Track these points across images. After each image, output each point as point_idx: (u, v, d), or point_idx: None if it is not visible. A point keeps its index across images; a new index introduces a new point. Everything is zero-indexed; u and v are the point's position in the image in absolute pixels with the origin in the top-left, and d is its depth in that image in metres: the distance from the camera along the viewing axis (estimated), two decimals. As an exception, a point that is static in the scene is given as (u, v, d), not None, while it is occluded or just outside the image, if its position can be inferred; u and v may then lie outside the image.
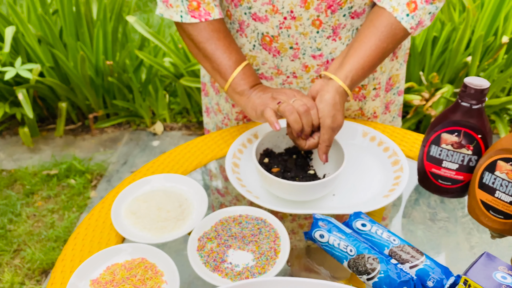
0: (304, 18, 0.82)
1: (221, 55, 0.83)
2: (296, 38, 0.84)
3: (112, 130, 2.38)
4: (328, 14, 0.81)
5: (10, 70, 1.98)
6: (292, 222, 0.78)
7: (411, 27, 0.78)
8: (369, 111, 0.98)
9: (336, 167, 0.78)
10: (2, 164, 2.15)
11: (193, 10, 0.81)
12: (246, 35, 0.87)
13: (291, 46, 0.86)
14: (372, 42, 0.78)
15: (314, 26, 0.83)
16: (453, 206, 0.79)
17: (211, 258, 0.67)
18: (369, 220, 0.68)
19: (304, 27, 0.83)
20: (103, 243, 0.71)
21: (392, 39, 0.79)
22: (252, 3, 0.81)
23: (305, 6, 0.80)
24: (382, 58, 0.80)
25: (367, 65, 0.78)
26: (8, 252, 1.71)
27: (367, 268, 0.61)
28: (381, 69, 0.93)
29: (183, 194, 0.76)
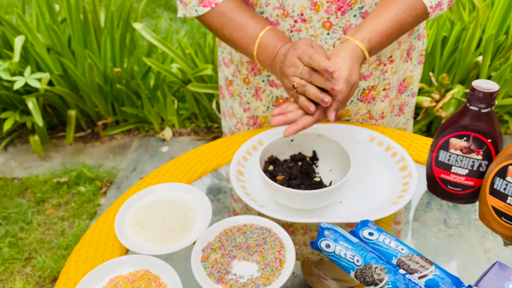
0: (314, 21, 0.81)
1: (241, 31, 0.80)
2: None
3: (122, 136, 2.39)
4: (339, 16, 0.80)
5: (19, 80, 2.00)
6: (304, 235, 0.76)
7: (431, 6, 0.78)
8: (377, 113, 0.96)
9: (343, 174, 0.77)
10: (13, 172, 2.17)
11: (201, 0, 0.81)
12: None
13: None
14: (391, 11, 0.76)
15: (324, 28, 0.82)
16: (466, 209, 0.77)
17: (215, 270, 0.65)
18: (376, 229, 0.67)
19: (314, 29, 0.82)
20: (106, 254, 0.71)
21: (412, 12, 0.77)
22: (264, 8, 0.82)
23: (315, 9, 0.80)
24: (401, 30, 0.78)
25: (385, 32, 0.76)
26: (20, 260, 1.72)
27: (374, 279, 0.60)
28: (392, 69, 0.92)
29: (187, 204, 0.75)
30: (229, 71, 1.01)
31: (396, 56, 0.91)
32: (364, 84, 0.91)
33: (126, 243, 0.69)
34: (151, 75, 2.32)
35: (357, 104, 0.94)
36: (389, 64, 0.91)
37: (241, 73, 0.96)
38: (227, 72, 1.01)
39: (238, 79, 0.98)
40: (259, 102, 0.96)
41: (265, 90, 0.94)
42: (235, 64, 0.97)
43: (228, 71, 1.01)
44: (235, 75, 0.99)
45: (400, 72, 0.95)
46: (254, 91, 0.95)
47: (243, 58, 0.93)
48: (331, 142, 0.79)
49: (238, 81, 0.99)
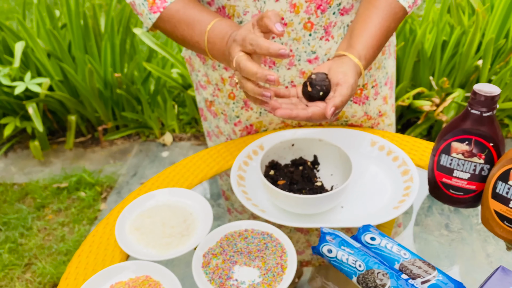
0: (295, 23, 0.81)
1: (190, 29, 0.78)
2: (289, 45, 0.84)
3: (122, 141, 2.39)
4: (319, 15, 0.81)
5: (20, 85, 2.00)
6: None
7: (409, 6, 0.79)
8: (374, 112, 0.97)
9: (344, 178, 0.76)
10: (13, 178, 2.16)
11: (151, 6, 0.81)
12: None
13: None
14: (376, 21, 0.77)
15: (306, 29, 0.82)
16: (468, 213, 0.77)
17: (216, 275, 0.65)
18: (378, 234, 0.66)
19: (296, 32, 0.82)
20: (107, 260, 0.70)
21: (393, 17, 0.78)
22: (242, 17, 0.81)
23: (295, 11, 0.80)
24: (387, 38, 0.79)
25: (375, 45, 0.76)
26: (20, 266, 1.71)
27: (377, 284, 0.59)
28: (375, 65, 0.92)
29: (187, 209, 0.75)
30: (207, 93, 1.00)
31: None
32: None
33: (127, 248, 0.68)
34: (151, 80, 2.32)
35: (352, 106, 0.94)
36: None
37: (223, 91, 0.95)
38: (206, 94, 1.01)
39: (220, 98, 0.98)
40: (250, 111, 0.95)
41: None
42: (213, 84, 0.96)
43: (207, 93, 1.00)
44: (216, 95, 0.98)
45: (387, 68, 0.96)
46: (242, 103, 0.95)
47: (223, 75, 0.92)
48: (332, 146, 0.79)
49: (220, 100, 0.98)
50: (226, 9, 0.82)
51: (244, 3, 0.80)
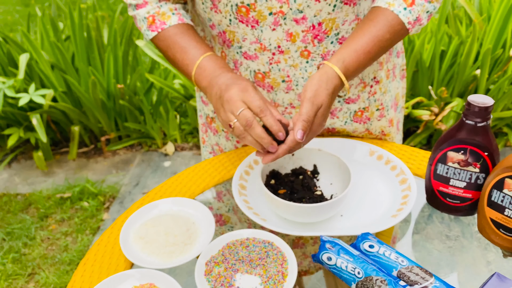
0: (292, 51, 0.82)
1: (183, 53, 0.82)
2: (287, 71, 0.85)
3: (124, 152, 2.41)
4: (316, 44, 0.81)
5: (24, 96, 2.03)
6: (314, 245, 0.77)
7: (409, 22, 0.77)
8: (376, 130, 0.98)
9: (343, 187, 0.78)
10: (17, 188, 2.18)
11: (150, 24, 0.84)
12: (240, 73, 0.88)
13: (283, 79, 0.86)
14: (367, 30, 0.76)
15: (303, 57, 0.83)
16: (468, 221, 0.78)
17: (218, 283, 0.66)
18: (377, 241, 0.68)
19: (293, 59, 0.83)
20: (112, 268, 0.72)
21: (389, 29, 0.76)
22: (241, 43, 0.84)
23: (291, 40, 0.81)
24: (381, 47, 0.77)
25: (361, 50, 0.74)
26: (23, 276, 1.73)
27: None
28: (381, 90, 0.93)
29: (190, 218, 0.77)
30: (209, 109, 1.02)
31: (382, 77, 0.92)
32: (354, 106, 0.92)
33: (131, 257, 0.70)
34: (153, 91, 2.35)
35: (352, 124, 0.95)
36: (376, 85, 0.92)
37: None
38: (207, 110, 1.03)
39: None
40: None
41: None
42: None
43: (208, 109, 1.02)
44: None
45: (392, 91, 0.97)
46: None
47: None
48: (331, 156, 0.81)
49: None
50: (227, 34, 0.84)
51: (242, 31, 0.82)
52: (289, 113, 0.92)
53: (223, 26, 0.83)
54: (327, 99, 0.72)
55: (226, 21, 0.81)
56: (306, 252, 0.77)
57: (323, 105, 0.71)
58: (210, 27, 0.86)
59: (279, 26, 0.79)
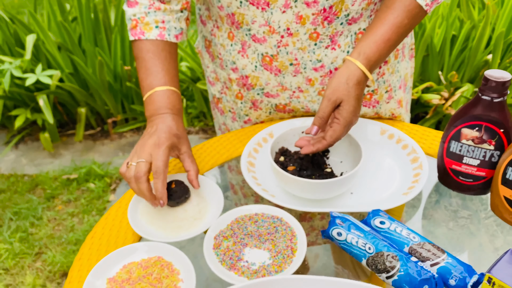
0: (301, 33, 0.81)
1: (144, 74, 0.80)
2: (295, 54, 0.84)
3: (131, 134, 2.41)
4: (325, 25, 0.80)
5: (31, 77, 2.02)
6: (322, 220, 0.77)
7: (426, 4, 0.75)
8: (386, 114, 0.96)
9: (354, 165, 0.77)
10: (24, 169, 2.19)
11: (132, 28, 0.82)
12: (247, 56, 0.87)
13: (291, 62, 0.85)
14: (385, 18, 0.75)
15: (311, 39, 0.82)
16: (476, 207, 0.77)
17: (227, 257, 0.66)
18: (388, 218, 0.67)
19: (301, 42, 0.82)
20: (119, 242, 0.71)
21: (407, 14, 0.75)
22: (250, 25, 0.82)
23: (301, 22, 0.79)
24: (400, 33, 0.76)
25: (380, 39, 0.74)
26: (30, 255, 1.74)
27: (386, 266, 0.60)
28: (389, 70, 0.91)
29: (200, 193, 0.76)
30: (215, 89, 1.01)
31: (390, 57, 0.90)
32: None
33: (139, 230, 0.69)
34: (160, 73, 2.34)
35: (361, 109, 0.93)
36: (384, 65, 0.90)
37: (231, 89, 0.96)
38: (214, 90, 1.02)
39: (228, 96, 0.98)
40: (259, 111, 0.96)
41: (262, 101, 0.94)
42: (221, 82, 0.97)
43: (215, 89, 1.01)
44: (223, 92, 0.99)
45: (400, 71, 0.95)
46: (251, 103, 0.95)
47: (231, 75, 0.93)
48: (342, 133, 0.80)
49: (228, 98, 0.99)
50: (236, 16, 0.82)
51: (252, 13, 0.80)
52: (297, 97, 0.91)
53: (233, 8, 0.81)
54: (348, 94, 0.72)
55: (237, 3, 0.80)
56: (314, 226, 0.76)
57: (344, 100, 0.72)
58: (218, 8, 0.84)
59: (290, 9, 0.78)
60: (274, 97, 0.92)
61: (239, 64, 0.89)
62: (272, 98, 0.92)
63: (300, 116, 0.96)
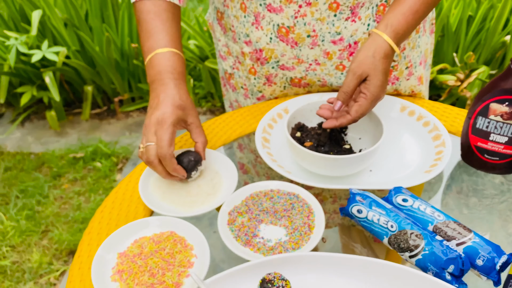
0: (320, 3, 0.77)
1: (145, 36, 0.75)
2: (312, 25, 0.80)
3: (138, 114, 2.38)
4: None
5: (37, 53, 1.99)
6: (334, 204, 0.74)
7: None
8: (406, 91, 0.93)
9: (373, 142, 0.74)
10: (30, 147, 2.17)
11: None
12: (262, 27, 0.83)
13: (308, 34, 0.81)
14: None
15: (331, 9, 0.78)
16: (501, 187, 0.73)
17: (242, 233, 0.63)
18: (410, 195, 0.64)
19: (320, 12, 0.78)
20: (130, 216, 0.69)
21: None
22: None
23: None
24: (428, 5, 0.73)
25: (408, 11, 0.71)
26: (37, 233, 1.73)
27: (409, 245, 0.57)
28: (410, 45, 0.87)
29: (214, 168, 0.73)
30: (227, 64, 0.97)
31: None
32: None
33: (151, 204, 0.67)
34: (168, 52, 2.30)
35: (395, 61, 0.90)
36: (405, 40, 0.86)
37: (243, 64, 0.92)
38: (225, 65, 0.98)
39: (240, 71, 0.95)
40: (273, 86, 0.92)
41: (277, 74, 0.90)
42: (234, 56, 0.93)
43: (227, 64, 0.97)
44: (236, 67, 0.95)
45: (421, 46, 0.91)
46: (265, 79, 0.91)
47: (244, 49, 0.89)
48: (362, 108, 0.76)
49: (240, 73, 0.95)
50: None
51: None
52: (314, 70, 0.87)
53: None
54: (375, 68, 0.69)
55: None
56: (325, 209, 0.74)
57: (370, 74, 0.69)
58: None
59: None
60: (290, 70, 0.88)
61: (252, 37, 0.85)
62: (288, 71, 0.88)
63: (315, 90, 0.93)
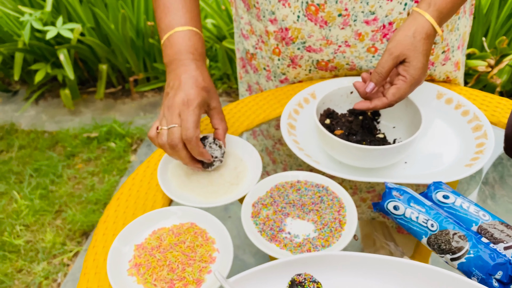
0: None
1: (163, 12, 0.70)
2: (345, 3, 0.74)
3: (152, 94, 2.34)
4: None
5: (51, 30, 1.95)
6: (353, 196, 0.69)
7: None
8: (440, 76, 0.86)
9: (409, 131, 0.68)
10: (44, 126, 2.15)
11: None
12: (289, 4, 0.77)
13: (340, 13, 0.75)
14: None
15: None
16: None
17: (267, 226, 0.59)
18: (451, 192, 0.59)
19: None
20: (148, 205, 0.65)
21: None
22: None
23: None
24: None
25: None
26: (50, 212, 1.71)
27: (452, 247, 0.52)
28: (448, 27, 0.81)
29: (237, 155, 0.69)
30: (249, 43, 0.91)
31: None
32: None
33: (170, 193, 0.63)
34: (184, 31, 2.24)
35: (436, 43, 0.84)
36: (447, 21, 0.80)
37: (267, 44, 0.86)
38: (247, 45, 0.92)
39: (263, 51, 0.89)
40: (298, 69, 0.87)
41: (303, 56, 0.84)
42: (257, 35, 0.88)
43: (249, 43, 0.91)
44: (259, 47, 0.89)
45: (460, 29, 0.84)
46: (289, 61, 0.85)
47: (268, 27, 0.83)
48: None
49: (263, 53, 0.89)
50: None
51: None
52: (343, 52, 0.81)
53: None
54: (415, 49, 0.63)
55: None
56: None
57: (410, 56, 0.63)
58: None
59: None
60: (317, 52, 0.82)
61: (278, 15, 0.79)
62: (314, 53, 0.83)
63: (342, 74, 0.87)
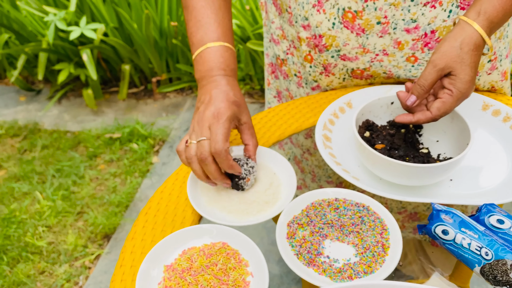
0: None
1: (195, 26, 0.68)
2: (384, 10, 0.69)
3: (175, 95, 2.32)
4: None
5: (75, 30, 1.94)
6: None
7: None
8: (484, 86, 0.81)
9: (454, 146, 0.64)
10: (66, 126, 2.15)
11: None
12: (324, 11, 0.73)
13: (379, 21, 0.71)
14: None
15: None
16: None
17: (304, 249, 0.55)
18: (506, 215, 0.54)
19: None
20: (177, 221, 0.62)
21: None
22: None
23: None
24: None
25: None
26: (72, 214, 1.71)
27: (510, 278, 0.48)
28: (496, 35, 0.75)
29: (271, 170, 0.65)
30: (280, 49, 0.88)
31: None
32: None
33: (201, 210, 0.59)
34: (207, 31, 2.21)
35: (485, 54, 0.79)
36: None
37: (299, 50, 0.82)
38: (278, 50, 0.88)
39: (295, 57, 0.85)
40: (331, 77, 0.82)
41: (337, 65, 0.80)
42: (289, 40, 0.84)
43: (279, 49, 0.88)
44: (290, 53, 0.85)
45: (509, 37, 0.79)
46: (322, 68, 0.81)
47: (301, 33, 0.79)
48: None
49: (295, 59, 0.85)
50: None
51: None
52: (380, 61, 0.76)
53: None
54: (462, 61, 0.59)
55: None
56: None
57: (456, 69, 0.59)
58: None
59: None
60: (352, 61, 0.78)
61: (312, 21, 0.75)
62: (349, 62, 0.78)
63: (379, 82, 0.82)
